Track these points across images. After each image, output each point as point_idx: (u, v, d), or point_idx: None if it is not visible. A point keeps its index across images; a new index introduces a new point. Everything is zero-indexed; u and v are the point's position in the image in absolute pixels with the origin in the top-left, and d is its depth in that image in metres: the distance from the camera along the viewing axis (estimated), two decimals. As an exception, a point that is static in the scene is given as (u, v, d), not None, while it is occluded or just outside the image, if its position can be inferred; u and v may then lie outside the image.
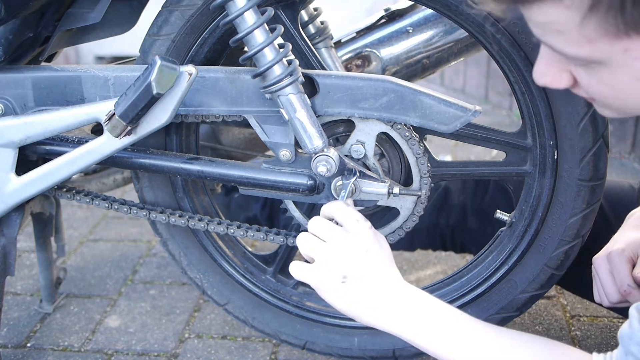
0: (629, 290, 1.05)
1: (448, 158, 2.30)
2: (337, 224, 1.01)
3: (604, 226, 1.24)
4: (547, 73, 0.76)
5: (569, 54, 0.70)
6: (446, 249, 1.61)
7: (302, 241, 1.00)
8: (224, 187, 1.80)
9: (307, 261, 1.01)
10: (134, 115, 1.05)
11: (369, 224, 1.00)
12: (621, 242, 1.10)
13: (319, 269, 0.97)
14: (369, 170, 1.14)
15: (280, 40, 1.07)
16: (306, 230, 1.01)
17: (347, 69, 1.36)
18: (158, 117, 1.07)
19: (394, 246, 1.66)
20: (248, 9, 1.02)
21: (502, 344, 0.88)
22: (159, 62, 1.00)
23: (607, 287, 1.09)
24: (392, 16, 1.37)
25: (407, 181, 1.19)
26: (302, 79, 1.07)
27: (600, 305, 1.14)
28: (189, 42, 1.15)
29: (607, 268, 1.09)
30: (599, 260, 1.10)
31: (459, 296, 1.25)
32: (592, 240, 1.18)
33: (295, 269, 1.00)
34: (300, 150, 1.14)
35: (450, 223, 1.55)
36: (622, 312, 1.39)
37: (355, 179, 1.12)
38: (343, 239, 0.97)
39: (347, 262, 0.96)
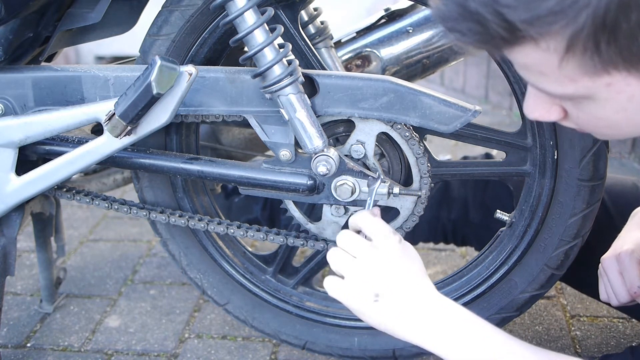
0: (639, 292, 1.06)
1: (448, 158, 2.30)
2: (365, 236, 0.99)
3: (607, 223, 1.24)
4: (536, 108, 0.77)
5: (554, 93, 0.71)
6: (447, 242, 1.61)
7: (332, 257, 0.99)
8: (223, 190, 1.79)
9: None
10: (134, 115, 1.05)
11: (398, 237, 0.98)
12: (630, 243, 1.10)
13: (351, 287, 0.96)
14: (369, 170, 1.14)
15: (280, 40, 1.07)
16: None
17: (347, 69, 1.36)
18: (158, 117, 1.07)
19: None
20: (248, 9, 1.02)
21: None
22: (159, 62, 1.00)
23: (617, 288, 1.09)
24: (392, 16, 1.37)
25: (407, 181, 1.19)
26: (302, 79, 1.07)
27: (608, 304, 1.14)
28: (189, 42, 1.15)
29: (617, 269, 1.09)
30: (608, 261, 1.10)
31: (459, 296, 1.25)
32: (595, 237, 1.18)
33: (329, 285, 0.98)
34: (300, 150, 1.14)
35: (452, 217, 1.54)
36: (628, 311, 1.39)
37: (380, 184, 1.10)
38: (372, 255, 0.96)
39: (378, 280, 0.94)
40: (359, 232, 1.01)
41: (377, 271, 0.95)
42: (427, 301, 0.94)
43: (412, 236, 1.59)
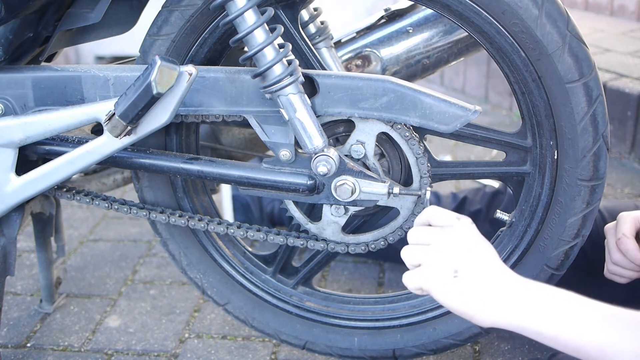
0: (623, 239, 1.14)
1: (448, 158, 2.30)
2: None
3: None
4: None
5: None
6: None
7: (406, 253, 0.97)
8: None
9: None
10: (134, 115, 1.05)
11: (469, 219, 0.97)
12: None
13: (428, 269, 0.94)
14: (369, 170, 1.14)
15: (280, 40, 1.07)
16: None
17: (347, 69, 1.36)
18: (158, 117, 1.07)
19: (398, 258, 1.66)
20: (248, 9, 1.02)
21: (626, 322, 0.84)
22: (159, 62, 1.00)
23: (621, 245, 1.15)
24: (392, 16, 1.37)
25: (407, 181, 1.19)
26: (302, 79, 1.07)
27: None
28: (189, 42, 1.15)
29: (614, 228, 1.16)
30: (609, 227, 1.17)
31: (459, 296, 1.25)
32: (597, 254, 1.18)
33: (406, 278, 0.96)
34: (300, 150, 1.14)
35: None
36: None
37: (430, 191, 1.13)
38: (446, 235, 0.95)
39: (455, 257, 0.92)
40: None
41: (453, 248, 0.93)
42: (506, 277, 0.92)
43: None
